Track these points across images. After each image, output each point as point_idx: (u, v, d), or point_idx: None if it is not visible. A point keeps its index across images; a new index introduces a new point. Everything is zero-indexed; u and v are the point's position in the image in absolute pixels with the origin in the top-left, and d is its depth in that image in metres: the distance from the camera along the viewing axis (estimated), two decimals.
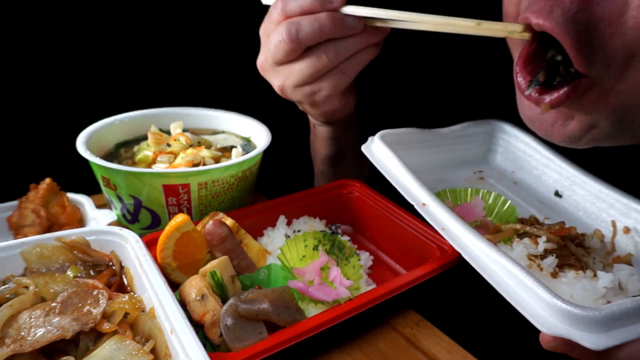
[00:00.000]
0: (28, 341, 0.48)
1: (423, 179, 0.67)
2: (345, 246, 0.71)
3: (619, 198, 0.71)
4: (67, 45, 1.33)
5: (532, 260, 0.61)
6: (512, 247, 0.64)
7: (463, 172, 0.87)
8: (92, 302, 0.53)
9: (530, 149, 0.85)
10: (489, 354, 0.61)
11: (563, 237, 0.64)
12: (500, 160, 0.90)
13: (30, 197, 0.76)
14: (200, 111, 0.97)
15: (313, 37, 0.65)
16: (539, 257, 0.62)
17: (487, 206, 0.75)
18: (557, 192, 0.80)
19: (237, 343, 0.53)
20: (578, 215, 0.77)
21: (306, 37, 0.65)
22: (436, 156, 0.86)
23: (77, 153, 0.76)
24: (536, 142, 0.84)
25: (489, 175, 0.88)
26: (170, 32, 1.48)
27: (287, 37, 0.66)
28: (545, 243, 0.62)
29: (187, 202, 0.75)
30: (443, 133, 0.86)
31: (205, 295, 0.58)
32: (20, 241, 0.60)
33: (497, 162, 0.90)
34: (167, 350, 0.50)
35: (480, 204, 0.75)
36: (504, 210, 0.75)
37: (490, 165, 0.90)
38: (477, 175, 0.87)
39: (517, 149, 0.87)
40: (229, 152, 0.86)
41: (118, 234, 0.63)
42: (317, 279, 0.62)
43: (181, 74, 1.51)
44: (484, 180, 0.86)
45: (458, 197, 0.77)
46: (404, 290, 0.62)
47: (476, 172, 0.88)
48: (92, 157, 0.74)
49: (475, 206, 0.75)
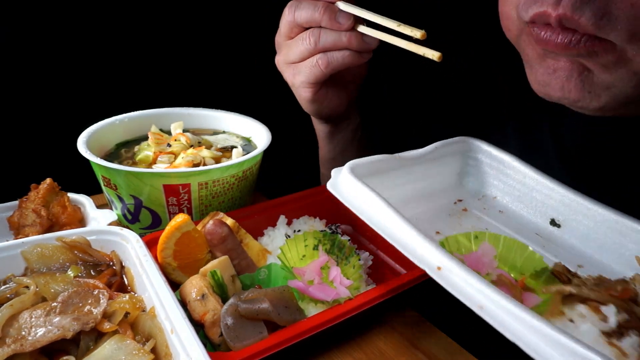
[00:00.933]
0: (29, 341, 0.48)
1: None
2: (345, 246, 0.71)
3: (635, 226, 0.59)
4: (68, 45, 1.33)
5: (611, 344, 0.46)
6: (574, 324, 0.49)
7: (443, 203, 0.75)
8: (93, 301, 0.53)
9: (512, 170, 0.74)
10: (488, 354, 0.61)
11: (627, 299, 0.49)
12: (477, 184, 0.78)
13: (30, 197, 0.76)
14: (200, 111, 0.97)
15: (306, 18, 0.72)
16: (614, 335, 0.47)
17: (498, 254, 0.63)
18: (554, 220, 0.69)
19: (238, 342, 0.53)
20: (586, 250, 0.65)
21: (300, 17, 0.73)
22: (411, 186, 0.73)
23: (77, 153, 0.76)
24: (518, 161, 0.74)
25: (472, 205, 0.76)
26: (170, 32, 1.49)
27: (288, 14, 0.75)
28: (617, 314, 0.47)
29: (187, 202, 0.75)
30: (414, 157, 0.73)
31: (206, 294, 0.58)
32: (20, 241, 0.60)
33: (475, 187, 0.79)
34: (167, 350, 0.50)
35: (489, 252, 0.63)
36: (524, 259, 0.62)
37: (469, 192, 0.78)
38: (459, 207, 0.75)
39: (496, 170, 0.77)
40: (230, 152, 0.86)
41: (119, 233, 0.64)
42: (317, 279, 0.63)
43: (181, 74, 1.52)
44: (468, 211, 0.74)
45: (461, 246, 0.65)
46: (403, 290, 0.62)
47: (457, 202, 0.76)
48: (92, 157, 0.74)
49: (484, 255, 0.63)
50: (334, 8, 0.71)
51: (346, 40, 0.72)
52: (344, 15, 0.71)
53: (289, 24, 0.75)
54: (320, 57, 0.74)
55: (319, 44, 0.73)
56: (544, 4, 0.51)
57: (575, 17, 0.48)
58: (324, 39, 0.73)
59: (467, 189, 0.79)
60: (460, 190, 0.78)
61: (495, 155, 0.76)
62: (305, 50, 0.74)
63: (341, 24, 0.71)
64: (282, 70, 0.81)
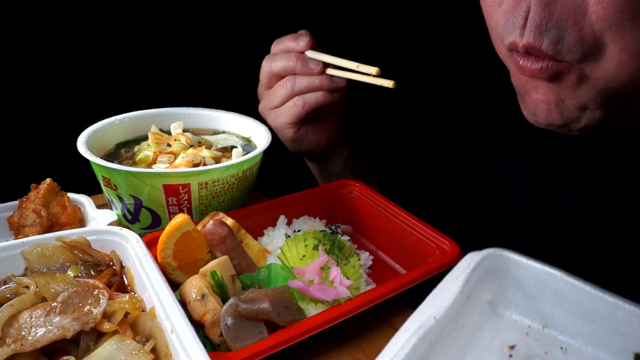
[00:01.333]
0: (29, 341, 0.48)
1: None
2: (345, 246, 0.71)
3: None
4: (68, 45, 1.33)
5: None
6: None
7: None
8: (93, 301, 0.53)
9: (562, 282, 0.55)
10: None
11: None
12: (517, 315, 0.58)
13: (30, 197, 0.76)
14: (200, 111, 0.97)
15: (282, 67, 0.84)
16: None
17: None
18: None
19: (238, 342, 0.53)
20: None
21: (276, 67, 0.85)
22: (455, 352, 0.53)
23: (77, 153, 0.76)
24: (556, 269, 0.55)
25: (527, 348, 0.55)
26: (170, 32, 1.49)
27: (266, 66, 0.87)
28: None
29: (187, 202, 0.75)
30: (442, 320, 0.51)
31: (206, 295, 0.58)
32: (20, 241, 0.60)
33: (514, 319, 0.58)
34: (167, 350, 0.50)
35: None
36: None
37: (510, 324, 0.58)
38: (517, 356, 0.54)
39: (536, 290, 0.57)
40: (229, 152, 0.86)
41: (118, 233, 0.64)
42: (317, 279, 0.62)
43: (181, 74, 1.52)
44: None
45: None
46: (403, 289, 0.62)
47: (506, 350, 0.55)
48: (92, 157, 0.74)
49: None
50: (304, 57, 0.83)
51: (318, 82, 0.83)
52: (314, 61, 0.82)
53: (268, 75, 0.87)
54: (298, 99, 0.85)
55: (295, 88, 0.84)
56: (513, 34, 0.57)
57: (537, 45, 0.55)
58: (300, 83, 0.84)
59: (506, 322, 0.59)
60: (499, 330, 0.58)
61: (530, 265, 0.58)
62: (284, 95, 0.85)
63: (312, 69, 0.83)
64: (265, 115, 0.91)
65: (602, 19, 0.52)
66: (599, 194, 0.72)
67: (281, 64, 0.84)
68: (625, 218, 0.69)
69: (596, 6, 0.52)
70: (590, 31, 0.53)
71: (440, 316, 0.51)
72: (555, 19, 0.54)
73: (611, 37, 0.53)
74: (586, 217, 0.73)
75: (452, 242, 0.70)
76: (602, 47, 0.54)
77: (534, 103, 0.63)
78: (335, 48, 0.83)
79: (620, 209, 0.70)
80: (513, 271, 0.58)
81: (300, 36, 0.84)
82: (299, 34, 0.85)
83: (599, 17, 0.52)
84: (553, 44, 0.54)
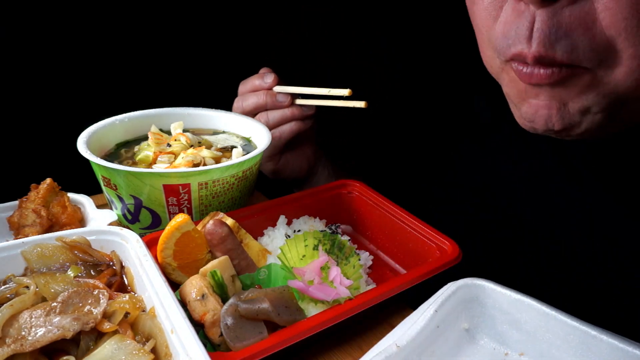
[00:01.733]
0: (29, 341, 0.48)
1: None
2: (345, 246, 0.71)
3: None
4: (68, 45, 1.33)
5: None
6: None
7: None
8: (93, 301, 0.53)
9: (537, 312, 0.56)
10: None
11: None
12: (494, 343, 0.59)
13: (31, 197, 0.76)
14: (200, 111, 0.97)
15: (254, 105, 0.92)
16: None
17: None
18: None
19: (238, 342, 0.53)
20: None
21: (248, 106, 0.92)
22: None
23: (77, 153, 0.76)
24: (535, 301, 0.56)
25: None
26: (171, 32, 1.49)
27: (237, 108, 0.94)
28: None
29: (187, 202, 0.75)
30: (405, 347, 0.53)
31: (206, 294, 0.58)
32: (20, 241, 0.60)
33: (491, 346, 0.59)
34: (167, 350, 0.50)
35: None
36: None
37: (487, 351, 0.59)
38: None
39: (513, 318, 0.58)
40: (229, 152, 0.86)
41: (119, 233, 0.64)
42: (317, 279, 0.63)
43: (181, 74, 1.52)
44: None
45: None
46: (403, 289, 0.62)
47: None
48: (92, 157, 0.74)
49: None
50: (272, 92, 0.90)
51: (290, 113, 0.90)
52: (282, 95, 0.90)
53: (241, 114, 0.93)
54: (274, 132, 0.90)
55: (270, 122, 0.91)
56: (519, 45, 0.56)
57: (550, 54, 0.54)
58: (273, 117, 0.91)
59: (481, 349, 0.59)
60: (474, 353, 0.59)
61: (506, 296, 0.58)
62: None
63: (282, 101, 0.90)
64: None
65: (611, 25, 0.51)
66: (599, 194, 0.72)
67: (252, 102, 0.91)
68: (625, 218, 0.69)
69: (604, 13, 0.51)
70: (603, 37, 0.53)
71: (404, 343, 0.52)
72: (564, 27, 0.53)
73: (622, 43, 0.52)
74: (586, 217, 0.72)
75: (452, 242, 0.70)
76: (615, 53, 0.53)
77: (533, 109, 0.62)
78: (335, 50, 0.84)
79: (620, 209, 0.70)
80: (491, 300, 0.59)
81: (265, 74, 0.91)
82: (263, 73, 0.92)
83: (608, 23, 0.52)
84: (567, 53, 0.54)
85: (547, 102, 0.60)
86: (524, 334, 0.57)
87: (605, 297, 0.71)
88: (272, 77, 0.91)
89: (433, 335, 0.56)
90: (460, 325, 0.59)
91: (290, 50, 2.04)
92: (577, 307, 0.74)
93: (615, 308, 0.70)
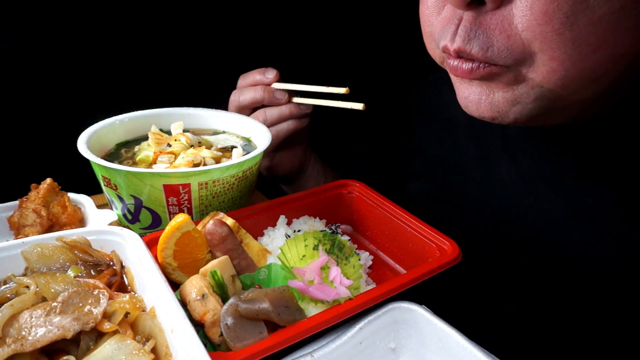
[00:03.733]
0: (29, 341, 0.48)
1: None
2: (345, 246, 0.71)
3: None
4: (68, 46, 1.33)
5: None
6: None
7: None
8: (93, 301, 0.53)
9: (455, 343, 0.58)
10: None
11: None
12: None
13: (31, 197, 0.76)
14: (200, 111, 0.97)
15: (250, 99, 0.92)
16: None
17: None
18: None
19: (238, 342, 0.53)
20: None
21: (244, 100, 0.92)
22: None
23: (78, 153, 0.76)
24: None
25: None
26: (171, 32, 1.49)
27: (234, 100, 0.95)
28: None
29: (187, 202, 0.75)
30: (321, 358, 0.56)
31: (206, 294, 0.58)
32: (21, 241, 0.60)
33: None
34: (167, 350, 0.50)
35: None
36: None
37: None
38: None
39: (434, 344, 0.60)
40: (230, 152, 0.87)
41: (119, 233, 0.64)
42: (317, 279, 0.63)
43: (181, 74, 1.52)
44: None
45: None
46: (403, 289, 0.62)
47: None
48: (93, 157, 0.74)
49: None
50: (271, 88, 0.90)
51: (288, 111, 0.90)
52: (280, 92, 0.89)
53: (237, 108, 0.93)
54: (271, 129, 0.89)
55: (267, 120, 0.91)
56: (446, 40, 0.61)
57: (467, 50, 0.59)
58: (270, 114, 0.91)
59: None
60: None
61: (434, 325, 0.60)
62: None
63: (280, 99, 0.90)
64: None
65: (527, 29, 0.55)
66: (599, 194, 0.72)
67: (249, 96, 0.91)
68: (625, 218, 0.69)
69: (521, 18, 0.55)
70: (519, 39, 0.56)
71: (320, 354, 0.56)
72: (484, 28, 0.57)
73: (539, 46, 0.55)
74: (586, 217, 0.73)
75: (452, 242, 0.70)
76: (533, 54, 0.56)
77: (465, 96, 0.66)
78: (335, 50, 0.85)
79: (620, 209, 0.70)
80: (419, 324, 0.62)
81: (267, 70, 0.91)
82: (266, 68, 0.92)
83: (524, 27, 0.55)
84: (483, 50, 0.58)
85: (476, 94, 0.64)
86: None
87: (605, 297, 0.71)
88: (273, 73, 0.90)
89: (353, 351, 0.59)
90: (388, 345, 0.62)
91: (290, 50, 2.05)
92: (577, 307, 0.74)
93: (616, 308, 0.70)
